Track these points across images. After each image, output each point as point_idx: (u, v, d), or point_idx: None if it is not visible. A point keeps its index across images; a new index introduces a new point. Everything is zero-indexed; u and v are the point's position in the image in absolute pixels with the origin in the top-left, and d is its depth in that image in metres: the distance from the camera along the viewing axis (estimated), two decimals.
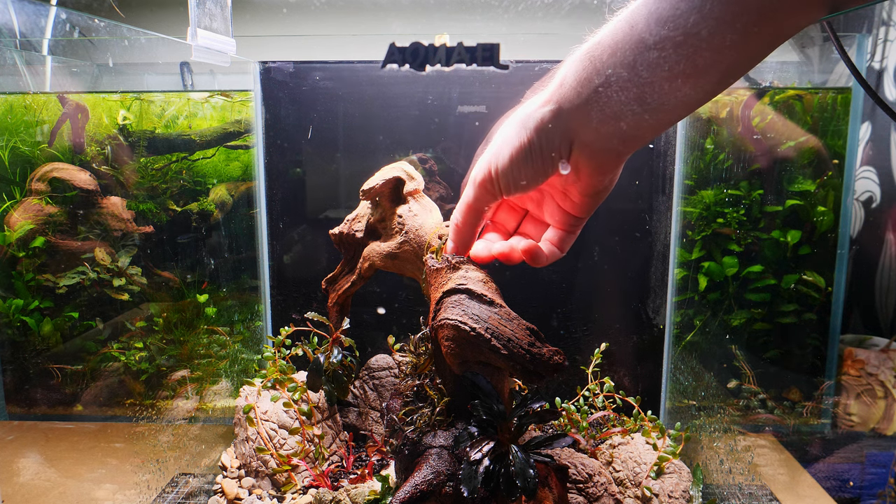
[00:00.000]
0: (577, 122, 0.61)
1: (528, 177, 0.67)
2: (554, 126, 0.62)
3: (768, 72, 1.30)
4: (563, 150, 0.63)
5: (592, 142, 0.62)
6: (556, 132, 0.62)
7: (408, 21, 1.53)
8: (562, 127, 0.62)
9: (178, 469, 1.29)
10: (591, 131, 0.61)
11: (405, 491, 0.76)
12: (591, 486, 1.05)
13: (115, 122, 1.45)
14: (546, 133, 0.63)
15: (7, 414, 1.52)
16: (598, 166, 0.64)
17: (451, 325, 0.81)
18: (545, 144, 0.64)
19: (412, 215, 1.10)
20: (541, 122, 0.63)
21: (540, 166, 0.66)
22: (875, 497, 1.09)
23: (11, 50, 1.36)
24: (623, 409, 1.35)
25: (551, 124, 0.62)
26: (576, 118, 0.61)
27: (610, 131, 0.60)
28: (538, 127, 0.63)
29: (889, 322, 1.24)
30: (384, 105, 1.39)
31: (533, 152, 0.65)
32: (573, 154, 0.64)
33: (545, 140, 0.64)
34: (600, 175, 0.66)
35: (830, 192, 1.30)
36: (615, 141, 0.61)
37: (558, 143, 0.63)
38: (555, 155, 0.64)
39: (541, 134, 0.63)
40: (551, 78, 0.65)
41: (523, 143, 0.65)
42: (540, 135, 0.64)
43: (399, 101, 1.40)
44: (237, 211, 1.54)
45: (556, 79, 0.64)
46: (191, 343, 1.53)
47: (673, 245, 1.45)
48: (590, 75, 0.58)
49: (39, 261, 1.48)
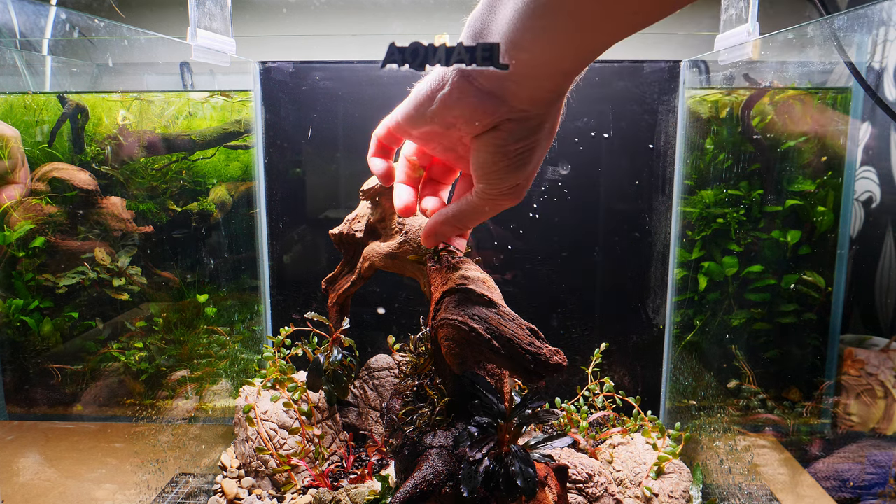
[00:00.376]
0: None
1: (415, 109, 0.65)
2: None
3: (768, 72, 1.30)
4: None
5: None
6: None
7: (408, 21, 1.53)
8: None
9: (178, 469, 1.29)
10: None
11: (405, 491, 0.76)
12: (591, 486, 1.05)
13: (115, 122, 1.45)
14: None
15: (7, 414, 1.51)
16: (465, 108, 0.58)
17: (451, 325, 0.81)
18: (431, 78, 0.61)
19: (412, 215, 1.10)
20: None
21: (424, 98, 0.63)
22: (875, 497, 1.09)
23: (11, 50, 1.36)
24: (623, 409, 1.35)
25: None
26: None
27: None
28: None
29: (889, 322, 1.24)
30: (384, 105, 1.39)
31: (421, 87, 0.63)
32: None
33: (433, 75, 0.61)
34: (469, 121, 0.59)
35: (830, 192, 1.30)
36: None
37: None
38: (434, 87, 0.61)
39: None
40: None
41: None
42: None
43: (399, 101, 1.40)
44: (237, 211, 1.54)
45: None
46: (191, 343, 1.53)
47: (673, 245, 1.45)
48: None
49: (39, 261, 1.47)
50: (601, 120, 1.40)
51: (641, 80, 1.38)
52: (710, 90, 1.39)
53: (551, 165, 1.43)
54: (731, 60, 1.24)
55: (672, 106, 1.39)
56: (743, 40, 1.16)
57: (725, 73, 1.32)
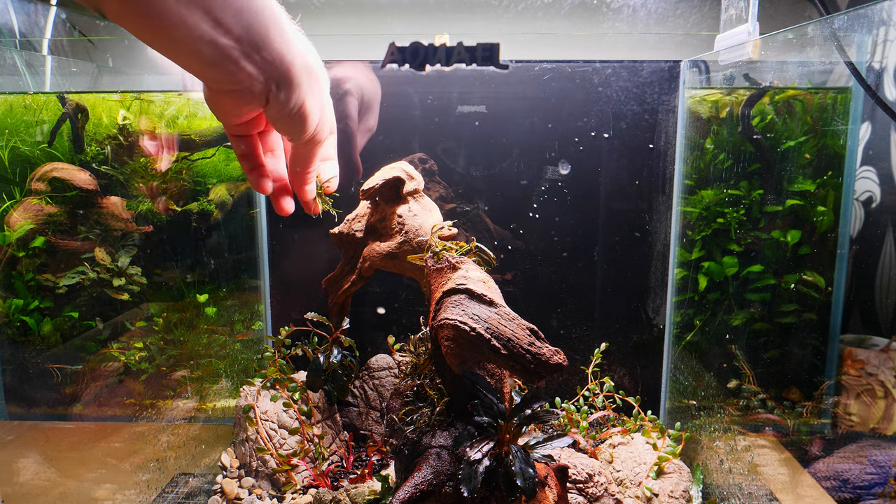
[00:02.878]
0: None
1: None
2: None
3: (768, 72, 1.30)
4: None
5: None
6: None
7: (408, 21, 1.53)
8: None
9: (178, 469, 1.29)
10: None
11: (405, 491, 0.76)
12: (591, 486, 1.05)
13: (114, 122, 1.45)
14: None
15: (7, 414, 1.51)
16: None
17: (451, 325, 0.81)
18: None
19: (412, 215, 1.10)
20: None
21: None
22: (875, 497, 1.09)
23: (11, 50, 1.36)
24: (623, 409, 1.35)
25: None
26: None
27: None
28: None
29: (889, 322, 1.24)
30: (384, 105, 1.39)
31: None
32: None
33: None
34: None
35: (830, 192, 1.30)
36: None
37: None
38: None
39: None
40: None
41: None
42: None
43: (399, 100, 1.40)
44: (237, 211, 1.54)
45: None
46: (191, 343, 1.53)
47: (673, 245, 1.45)
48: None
49: (39, 261, 1.47)
50: (601, 120, 1.40)
51: (641, 80, 1.38)
52: (710, 90, 1.39)
53: (551, 165, 1.43)
54: (731, 60, 1.23)
55: (672, 106, 1.39)
56: (743, 40, 1.16)
57: (725, 73, 1.32)
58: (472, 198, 1.45)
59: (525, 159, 1.43)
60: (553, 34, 1.40)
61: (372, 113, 1.37)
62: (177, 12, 0.58)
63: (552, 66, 1.37)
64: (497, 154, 1.43)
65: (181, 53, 0.62)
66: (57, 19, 1.36)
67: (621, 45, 1.40)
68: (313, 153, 0.82)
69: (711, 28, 1.28)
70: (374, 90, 1.37)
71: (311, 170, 0.86)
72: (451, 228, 1.05)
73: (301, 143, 0.79)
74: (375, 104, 1.38)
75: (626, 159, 1.42)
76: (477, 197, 1.45)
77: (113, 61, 1.43)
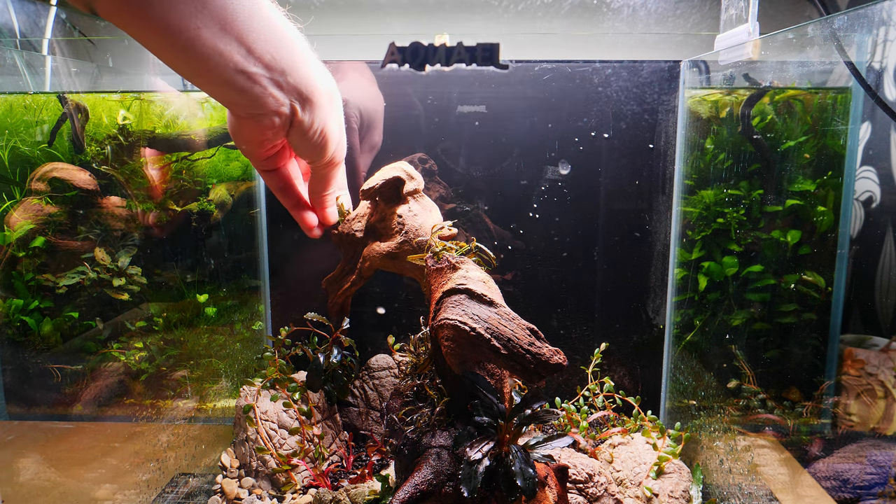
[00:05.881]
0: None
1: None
2: None
3: (768, 72, 1.30)
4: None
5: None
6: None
7: (408, 21, 1.53)
8: None
9: (178, 469, 1.29)
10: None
11: (405, 491, 0.76)
12: (591, 486, 1.05)
13: (114, 122, 1.45)
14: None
15: (7, 414, 1.51)
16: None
17: (451, 325, 0.81)
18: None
19: (412, 215, 1.10)
20: None
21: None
22: (875, 497, 1.09)
23: (11, 50, 1.36)
24: (623, 409, 1.35)
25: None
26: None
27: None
28: None
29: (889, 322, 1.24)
30: (384, 105, 1.39)
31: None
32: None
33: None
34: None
35: (830, 192, 1.30)
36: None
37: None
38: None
39: None
40: None
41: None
42: None
43: (399, 100, 1.40)
44: (237, 211, 1.54)
45: None
46: (191, 343, 1.53)
47: (673, 245, 1.45)
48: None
49: (39, 261, 1.47)
50: (601, 120, 1.40)
51: (641, 80, 1.38)
52: (710, 90, 1.39)
53: (551, 165, 1.43)
54: (731, 60, 1.23)
55: (672, 106, 1.39)
56: (743, 40, 1.16)
57: (725, 72, 1.32)
58: (472, 198, 1.45)
59: (525, 159, 1.43)
60: (553, 34, 1.40)
61: (375, 129, 1.37)
62: (212, 45, 0.58)
63: (552, 66, 1.37)
64: (497, 154, 1.43)
65: (213, 83, 0.63)
66: (57, 19, 1.36)
67: (621, 45, 1.40)
68: (332, 175, 0.86)
69: (711, 28, 1.28)
70: (375, 106, 1.37)
71: (329, 191, 0.89)
72: (451, 228, 1.05)
73: (321, 164, 0.82)
74: (378, 120, 1.38)
75: (626, 159, 1.42)
76: (477, 197, 1.45)
77: (113, 61, 1.43)
